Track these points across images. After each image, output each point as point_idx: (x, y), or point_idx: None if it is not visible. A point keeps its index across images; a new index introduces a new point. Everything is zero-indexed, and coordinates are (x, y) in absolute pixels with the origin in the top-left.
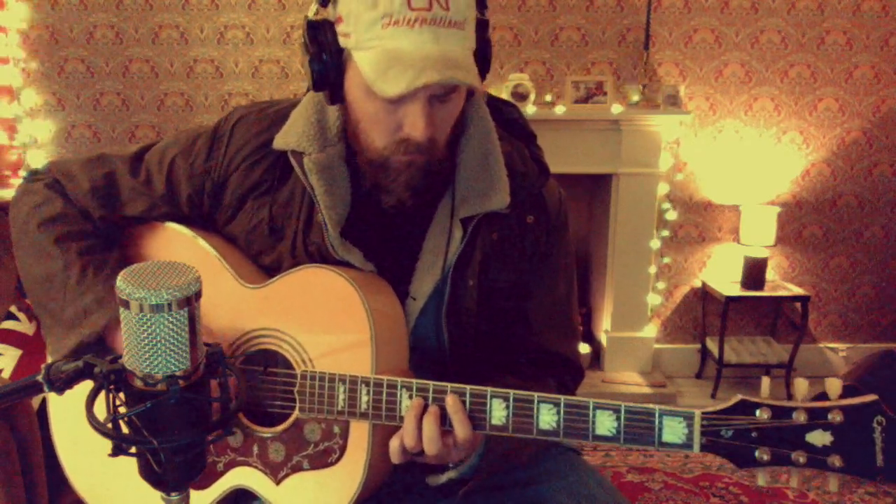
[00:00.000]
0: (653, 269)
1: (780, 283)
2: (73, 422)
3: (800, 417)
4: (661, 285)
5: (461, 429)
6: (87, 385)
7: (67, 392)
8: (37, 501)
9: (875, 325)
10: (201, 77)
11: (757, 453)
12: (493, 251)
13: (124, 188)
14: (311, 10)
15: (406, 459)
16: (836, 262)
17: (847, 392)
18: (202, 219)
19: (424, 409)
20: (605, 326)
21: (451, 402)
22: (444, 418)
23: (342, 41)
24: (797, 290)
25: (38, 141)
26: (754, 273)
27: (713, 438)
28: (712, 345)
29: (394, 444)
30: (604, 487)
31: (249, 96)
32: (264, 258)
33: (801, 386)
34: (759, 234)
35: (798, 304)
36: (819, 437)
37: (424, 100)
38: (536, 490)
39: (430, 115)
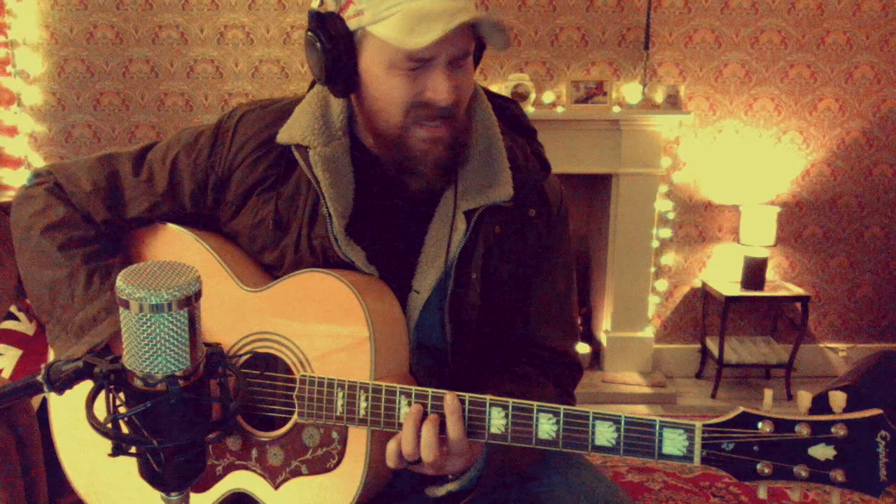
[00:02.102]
0: (653, 269)
1: (780, 283)
2: (73, 422)
3: (802, 431)
4: (661, 285)
5: (454, 430)
6: (87, 385)
7: (68, 392)
8: (37, 501)
9: (875, 325)
10: (201, 77)
11: (758, 467)
12: (495, 244)
13: (127, 187)
14: (315, 2)
15: (401, 466)
16: (836, 262)
17: (851, 394)
18: (205, 216)
19: (424, 416)
20: (605, 326)
21: (449, 399)
22: (442, 426)
23: (353, 23)
24: (797, 290)
25: (38, 141)
26: (754, 273)
27: (714, 451)
28: (712, 345)
29: (391, 447)
30: (603, 483)
31: (249, 96)
32: (267, 255)
33: (803, 399)
34: (759, 234)
35: (798, 304)
36: (822, 452)
37: (445, 63)
38: (536, 486)
39: (453, 78)
